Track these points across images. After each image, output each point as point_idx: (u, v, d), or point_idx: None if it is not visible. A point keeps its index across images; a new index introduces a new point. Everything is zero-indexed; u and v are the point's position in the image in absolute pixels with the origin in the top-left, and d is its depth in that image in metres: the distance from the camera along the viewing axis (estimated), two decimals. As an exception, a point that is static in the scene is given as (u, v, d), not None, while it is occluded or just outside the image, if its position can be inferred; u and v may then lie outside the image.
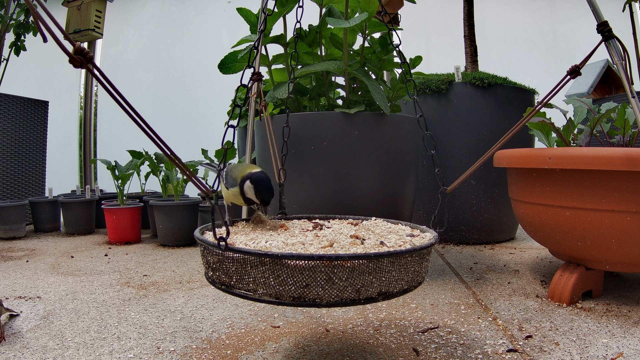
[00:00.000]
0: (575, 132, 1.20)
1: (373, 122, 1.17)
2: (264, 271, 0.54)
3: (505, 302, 1.06)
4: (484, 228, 1.77)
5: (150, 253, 1.69)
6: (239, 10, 1.34)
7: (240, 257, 0.56)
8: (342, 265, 0.53)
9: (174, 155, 0.55)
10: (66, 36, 0.48)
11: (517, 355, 0.77)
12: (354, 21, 1.10)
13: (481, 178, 1.72)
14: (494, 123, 1.70)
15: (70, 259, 1.58)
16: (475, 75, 1.71)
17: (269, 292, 0.55)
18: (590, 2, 1.05)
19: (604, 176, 0.94)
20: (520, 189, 1.13)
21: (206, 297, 1.11)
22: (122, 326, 0.92)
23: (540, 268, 1.38)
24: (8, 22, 2.21)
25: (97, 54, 3.36)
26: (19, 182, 2.31)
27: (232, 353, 0.79)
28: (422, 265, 0.62)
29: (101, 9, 2.65)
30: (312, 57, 1.34)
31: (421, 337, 0.85)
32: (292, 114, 1.13)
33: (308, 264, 0.53)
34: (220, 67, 1.32)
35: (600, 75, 2.10)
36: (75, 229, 2.12)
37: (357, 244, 0.63)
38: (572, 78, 0.88)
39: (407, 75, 0.92)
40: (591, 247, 0.99)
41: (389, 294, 0.58)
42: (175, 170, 2.02)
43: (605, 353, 0.77)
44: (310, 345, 0.82)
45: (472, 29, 1.85)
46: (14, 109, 2.27)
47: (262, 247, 0.61)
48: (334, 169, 1.16)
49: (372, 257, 0.54)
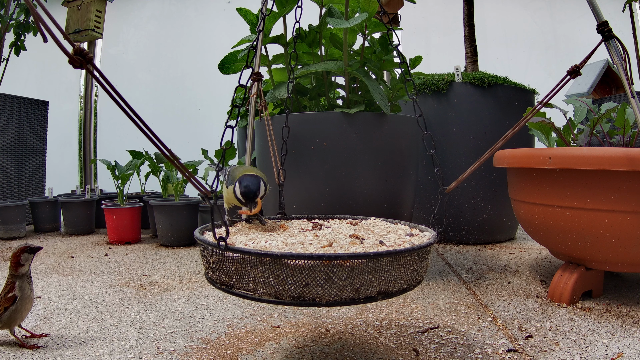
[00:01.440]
0: (575, 132, 1.20)
1: (373, 122, 1.17)
2: (264, 271, 0.55)
3: (505, 302, 1.06)
4: (484, 228, 1.77)
5: (150, 253, 1.69)
6: (239, 10, 1.34)
7: (239, 257, 0.56)
8: (342, 264, 0.53)
9: (173, 156, 0.55)
10: (66, 36, 0.48)
11: (517, 355, 0.77)
12: (354, 21, 1.10)
13: (481, 178, 1.72)
14: (494, 123, 1.70)
15: (70, 259, 1.58)
16: (475, 75, 1.71)
17: (269, 291, 0.55)
18: (590, 2, 1.05)
19: (604, 176, 0.94)
20: (520, 189, 1.13)
21: (206, 297, 1.11)
22: (122, 326, 0.92)
23: (540, 268, 1.38)
24: (8, 22, 2.21)
25: (97, 54, 3.36)
26: (19, 182, 2.31)
27: (232, 353, 0.79)
28: (421, 264, 0.62)
29: (101, 9, 2.65)
30: (312, 57, 1.34)
31: (421, 337, 0.85)
32: (292, 114, 1.13)
33: (307, 263, 0.53)
34: (220, 67, 1.32)
35: (600, 75, 2.10)
36: (75, 229, 2.12)
37: (357, 244, 0.63)
38: (572, 78, 0.88)
39: (407, 76, 0.92)
40: (591, 247, 0.99)
41: (389, 293, 0.58)
42: (175, 170, 2.02)
43: (605, 353, 0.77)
44: (310, 345, 0.82)
45: (472, 29, 1.85)
46: (14, 109, 2.27)
47: (262, 246, 0.61)
48: (334, 169, 1.16)
49: (371, 256, 0.54)
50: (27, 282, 0.83)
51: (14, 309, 0.80)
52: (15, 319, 0.81)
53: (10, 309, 0.80)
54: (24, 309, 0.82)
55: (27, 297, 0.82)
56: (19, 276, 0.82)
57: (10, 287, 0.81)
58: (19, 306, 0.81)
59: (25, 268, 0.83)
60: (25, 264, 0.83)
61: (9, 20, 2.21)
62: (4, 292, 0.82)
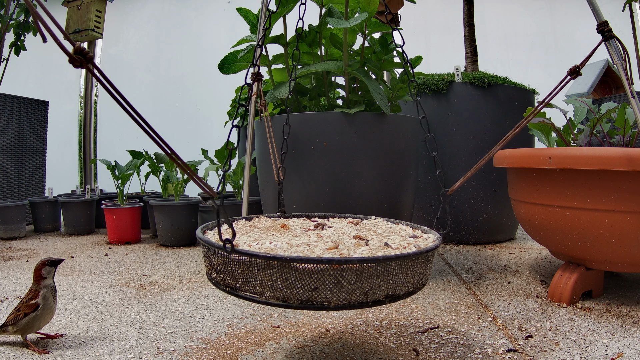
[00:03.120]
0: (575, 132, 1.20)
1: (373, 122, 1.17)
2: (272, 274, 0.54)
3: (505, 302, 1.06)
4: (484, 228, 1.77)
5: (150, 253, 1.69)
6: (239, 10, 1.34)
7: (246, 260, 0.55)
8: (351, 268, 0.53)
9: (176, 156, 0.55)
10: (66, 36, 0.48)
11: (517, 355, 0.77)
12: (353, 21, 1.10)
13: (481, 178, 1.72)
14: (494, 123, 1.70)
15: (70, 259, 1.58)
16: (475, 75, 1.71)
17: (277, 295, 0.54)
18: (590, 2, 1.05)
19: (604, 176, 0.94)
20: (520, 189, 1.13)
21: (206, 297, 1.11)
22: (122, 326, 0.92)
23: (540, 268, 1.38)
24: (8, 22, 2.21)
25: (97, 54, 3.36)
26: (19, 182, 2.31)
27: (232, 353, 0.79)
28: (427, 267, 0.62)
29: (101, 9, 2.65)
30: (312, 57, 1.34)
31: (421, 337, 0.85)
32: (292, 114, 1.13)
33: (317, 267, 0.53)
34: (220, 67, 1.32)
35: (600, 75, 2.10)
36: (75, 229, 2.12)
37: (362, 245, 0.63)
38: (573, 78, 0.88)
39: (410, 77, 0.91)
40: (591, 247, 0.99)
41: (396, 296, 0.58)
42: (175, 170, 2.02)
43: (605, 353, 0.77)
44: (310, 345, 0.82)
45: (472, 29, 1.85)
46: (14, 109, 2.27)
47: (267, 248, 0.61)
48: (334, 169, 1.16)
49: (380, 260, 0.54)
50: (51, 293, 0.83)
51: (34, 316, 0.80)
52: (32, 327, 0.81)
53: (30, 315, 0.80)
54: (43, 318, 0.82)
55: (49, 308, 0.83)
56: (42, 287, 0.83)
57: (34, 294, 0.82)
58: (39, 314, 0.81)
59: (48, 280, 0.84)
60: (47, 276, 0.84)
61: (9, 20, 2.21)
62: (26, 299, 0.82)
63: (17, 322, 0.80)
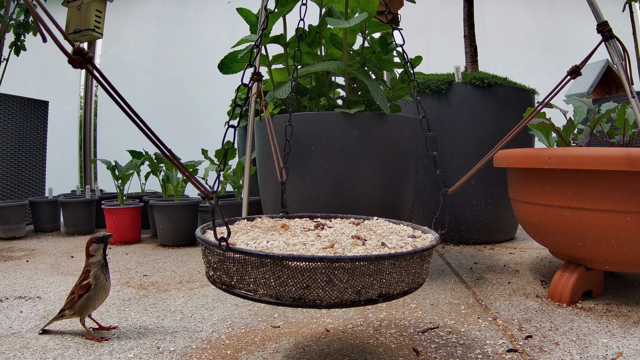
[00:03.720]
0: (575, 132, 1.20)
1: (373, 122, 1.17)
2: (265, 272, 0.54)
3: (505, 302, 1.06)
4: (484, 228, 1.77)
5: (150, 253, 1.69)
6: (238, 10, 1.34)
7: (241, 258, 0.56)
8: (343, 267, 0.53)
9: (173, 156, 0.55)
10: (66, 36, 0.48)
11: (517, 355, 0.77)
12: (353, 21, 1.10)
13: (481, 178, 1.72)
14: (494, 123, 1.70)
15: (70, 259, 1.58)
16: (475, 75, 1.71)
17: (270, 292, 0.55)
18: (590, 2, 1.05)
19: (604, 176, 0.94)
20: (520, 189, 1.13)
21: (206, 297, 1.11)
22: (122, 326, 0.92)
23: (540, 268, 1.38)
24: (8, 22, 2.21)
25: (97, 54, 3.36)
26: (19, 182, 2.31)
27: (232, 353, 0.79)
28: (422, 267, 0.62)
29: (101, 9, 2.65)
30: (312, 57, 1.34)
31: (421, 337, 0.85)
32: (293, 114, 1.13)
33: (309, 265, 0.53)
34: (220, 67, 1.32)
35: (600, 75, 2.10)
36: (75, 229, 2.12)
37: (359, 245, 0.63)
38: (573, 78, 0.88)
39: (410, 76, 0.91)
40: (591, 247, 0.99)
41: (389, 295, 0.58)
42: (175, 170, 2.02)
43: (605, 353, 0.77)
44: (310, 345, 0.82)
45: (472, 29, 1.85)
46: (14, 109, 2.27)
47: (264, 247, 0.61)
48: (334, 169, 1.16)
49: (372, 259, 0.54)
50: (101, 271, 0.85)
51: (87, 296, 0.82)
52: (88, 307, 0.82)
53: (84, 296, 0.81)
54: (97, 297, 0.83)
55: (102, 286, 0.84)
56: (92, 265, 0.84)
57: (85, 275, 0.83)
58: (92, 294, 0.82)
59: (96, 257, 0.85)
60: (95, 254, 0.85)
61: (9, 20, 2.21)
62: (79, 280, 0.83)
63: (73, 305, 0.81)
